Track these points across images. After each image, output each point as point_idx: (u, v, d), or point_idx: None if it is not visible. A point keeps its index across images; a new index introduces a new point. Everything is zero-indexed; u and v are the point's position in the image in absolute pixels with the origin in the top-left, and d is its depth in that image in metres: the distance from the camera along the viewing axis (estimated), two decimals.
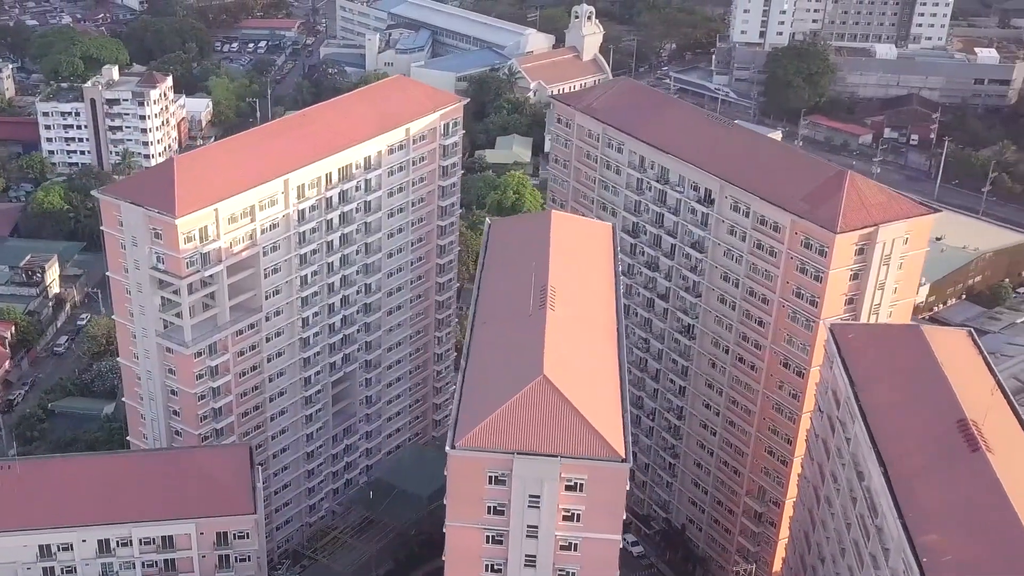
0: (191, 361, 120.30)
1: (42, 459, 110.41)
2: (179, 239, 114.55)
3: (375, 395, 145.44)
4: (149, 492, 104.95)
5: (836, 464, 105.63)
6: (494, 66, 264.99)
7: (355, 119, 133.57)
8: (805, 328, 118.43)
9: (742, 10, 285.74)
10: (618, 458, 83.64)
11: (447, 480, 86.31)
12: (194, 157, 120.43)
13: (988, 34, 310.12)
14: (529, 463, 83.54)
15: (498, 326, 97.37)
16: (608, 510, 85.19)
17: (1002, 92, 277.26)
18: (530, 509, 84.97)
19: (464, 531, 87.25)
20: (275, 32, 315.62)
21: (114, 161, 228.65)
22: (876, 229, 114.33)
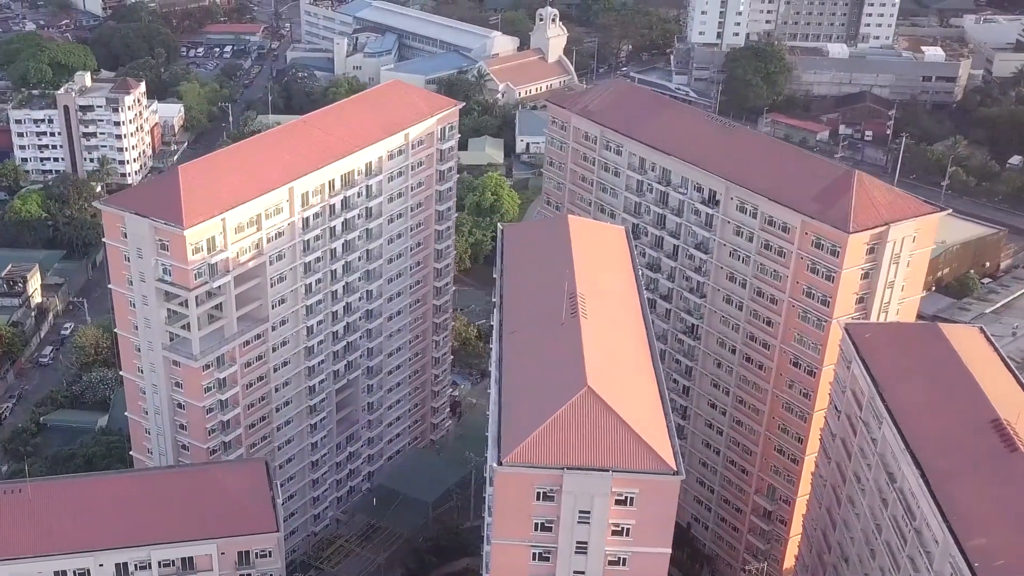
0: (199, 374, 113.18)
1: (54, 480, 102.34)
2: (187, 250, 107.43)
3: (376, 401, 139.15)
4: (167, 512, 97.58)
5: (859, 465, 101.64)
6: (462, 69, 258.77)
7: (355, 125, 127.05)
8: (816, 327, 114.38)
9: (699, 12, 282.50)
10: (670, 471, 78.63)
11: (493, 497, 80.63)
12: (198, 166, 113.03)
13: (930, 33, 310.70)
14: (580, 478, 78.20)
15: (529, 335, 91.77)
16: (658, 523, 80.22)
17: (949, 89, 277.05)
18: (580, 525, 79.63)
19: (511, 548, 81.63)
20: (240, 37, 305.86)
21: (88, 168, 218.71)
22: (887, 228, 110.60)
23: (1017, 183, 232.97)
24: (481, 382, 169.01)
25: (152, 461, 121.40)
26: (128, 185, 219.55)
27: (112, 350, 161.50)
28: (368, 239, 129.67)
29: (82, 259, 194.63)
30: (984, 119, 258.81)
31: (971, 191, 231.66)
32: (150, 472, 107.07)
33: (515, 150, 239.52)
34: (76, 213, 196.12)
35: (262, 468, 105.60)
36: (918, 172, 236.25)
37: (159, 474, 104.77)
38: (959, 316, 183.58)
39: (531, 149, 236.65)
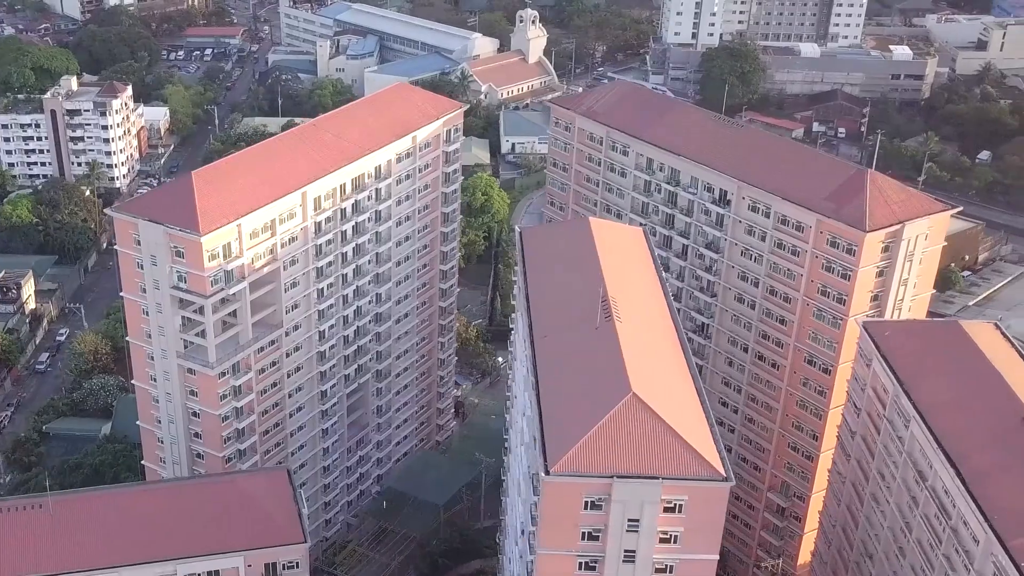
0: (215, 382, 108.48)
1: (75, 493, 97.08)
2: (204, 257, 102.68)
3: (385, 404, 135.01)
4: (192, 524, 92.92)
5: (884, 462, 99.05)
6: (444, 70, 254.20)
7: (365, 128, 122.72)
8: (832, 325, 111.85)
9: (675, 13, 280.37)
10: (720, 477, 75.40)
11: (539, 507, 76.90)
12: (211, 172, 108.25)
13: (896, 33, 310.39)
14: (629, 486, 74.75)
15: (563, 340, 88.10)
16: (707, 530, 77.02)
17: (917, 87, 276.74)
18: (628, 533, 76.17)
19: (557, 558, 77.94)
20: (220, 40, 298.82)
21: (77, 172, 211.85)
22: (902, 227, 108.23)
23: (988, 178, 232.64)
24: (482, 382, 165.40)
25: (165, 470, 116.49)
26: (117, 189, 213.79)
27: (112, 356, 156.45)
28: (377, 242, 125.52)
29: (74, 264, 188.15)
30: (952, 116, 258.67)
31: (945, 186, 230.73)
32: (173, 483, 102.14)
33: (500, 150, 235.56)
34: (67, 218, 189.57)
35: (285, 477, 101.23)
36: (893, 168, 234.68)
37: (182, 485, 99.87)
38: (944, 309, 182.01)
39: (516, 149, 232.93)
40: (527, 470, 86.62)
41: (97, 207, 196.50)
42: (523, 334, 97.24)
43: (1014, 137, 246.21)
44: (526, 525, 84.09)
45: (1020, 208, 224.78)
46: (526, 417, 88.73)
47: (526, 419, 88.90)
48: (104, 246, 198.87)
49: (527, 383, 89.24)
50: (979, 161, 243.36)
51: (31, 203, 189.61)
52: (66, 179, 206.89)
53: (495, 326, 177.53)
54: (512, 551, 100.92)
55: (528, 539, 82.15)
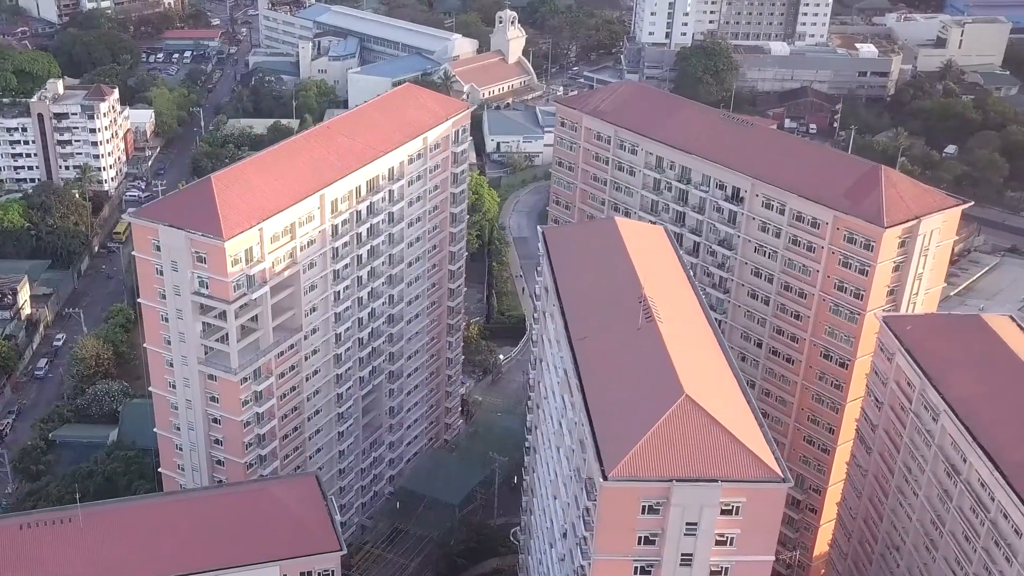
0: (237, 388, 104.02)
1: (104, 506, 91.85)
2: (227, 262, 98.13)
3: (397, 404, 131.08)
4: (226, 534, 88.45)
5: (911, 456, 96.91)
6: (426, 71, 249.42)
7: (377, 130, 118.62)
8: (849, 320, 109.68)
9: (649, 13, 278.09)
10: (778, 478, 72.67)
11: (596, 512, 73.62)
12: (230, 175, 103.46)
13: (859, 31, 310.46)
14: (689, 490, 71.76)
15: (604, 342, 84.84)
16: (764, 531, 74.28)
17: (882, 83, 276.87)
18: (686, 537, 73.19)
19: (613, 563, 74.77)
20: (199, 42, 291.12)
21: (65, 176, 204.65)
22: (918, 222, 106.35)
23: (957, 171, 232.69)
24: (483, 379, 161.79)
25: (183, 477, 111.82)
26: (105, 192, 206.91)
27: (113, 361, 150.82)
28: (391, 244, 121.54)
29: (67, 268, 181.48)
30: (918, 111, 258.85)
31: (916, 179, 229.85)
32: (203, 492, 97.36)
33: (485, 149, 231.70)
34: (58, 222, 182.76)
35: (314, 482, 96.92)
36: None
37: (213, 494, 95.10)
38: None
39: (501, 148, 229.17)
40: (572, 473, 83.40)
41: (88, 210, 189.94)
42: (554, 335, 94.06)
43: (978, 131, 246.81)
44: (577, 528, 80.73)
45: (989, 200, 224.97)
46: (568, 420, 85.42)
47: (568, 422, 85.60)
48: (96, 249, 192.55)
49: (566, 385, 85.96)
50: (946, 155, 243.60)
51: (22, 208, 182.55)
52: (54, 182, 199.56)
53: (492, 323, 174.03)
54: (546, 552, 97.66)
55: (579, 543, 78.81)
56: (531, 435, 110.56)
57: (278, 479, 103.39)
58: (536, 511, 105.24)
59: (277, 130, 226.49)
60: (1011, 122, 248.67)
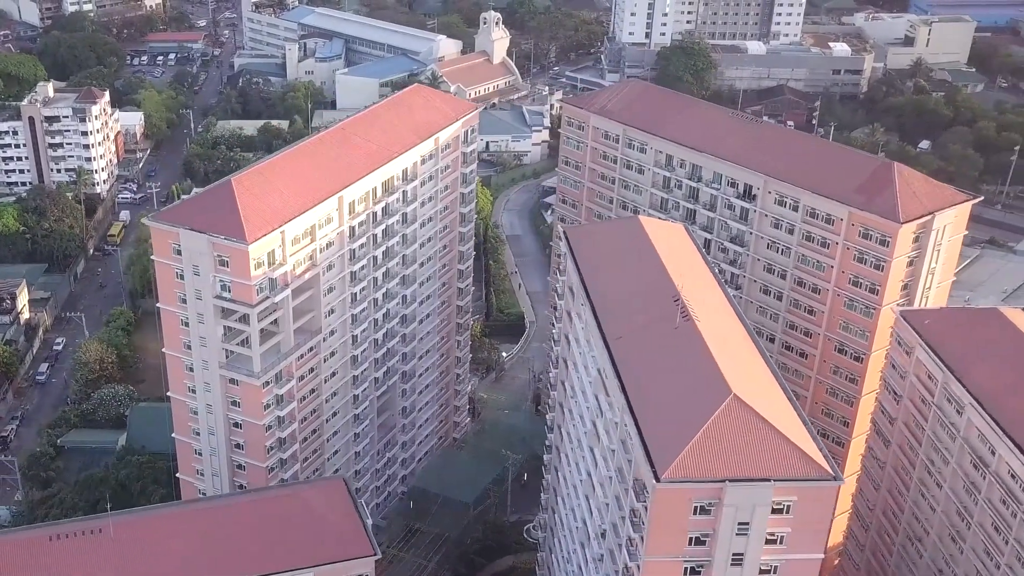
0: (259, 391, 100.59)
1: (134, 515, 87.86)
2: (250, 265, 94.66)
3: (410, 404, 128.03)
4: (259, 541, 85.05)
5: (932, 448, 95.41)
6: (413, 71, 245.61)
7: (391, 131, 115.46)
8: (864, 315, 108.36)
9: (629, 13, 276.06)
10: (830, 477, 70.73)
11: (647, 514, 71.26)
12: (250, 178, 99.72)
13: (831, 30, 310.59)
14: (742, 490, 69.64)
15: (641, 341, 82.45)
16: (814, 529, 72.28)
17: (856, 81, 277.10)
18: (737, 537, 71.07)
19: (663, 564, 72.49)
20: (183, 45, 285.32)
21: (57, 179, 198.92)
22: (933, 217, 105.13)
23: (933, 165, 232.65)
24: (487, 377, 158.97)
25: (203, 483, 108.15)
26: (98, 195, 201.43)
27: (117, 365, 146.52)
28: (404, 244, 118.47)
29: (63, 272, 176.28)
30: (892, 108, 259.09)
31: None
32: (232, 498, 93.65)
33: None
34: (54, 225, 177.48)
35: (343, 486, 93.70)
36: None
37: (243, 501, 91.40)
38: None
39: (490, 147, 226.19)
40: (612, 474, 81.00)
41: (83, 213, 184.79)
42: (583, 335, 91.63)
43: (950, 127, 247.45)
44: (620, 529, 78.40)
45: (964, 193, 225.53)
46: (605, 420, 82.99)
47: (605, 422, 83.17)
48: (91, 252, 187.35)
49: (600, 385, 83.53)
50: (920, 150, 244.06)
51: (17, 211, 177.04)
52: (46, 186, 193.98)
53: (492, 321, 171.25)
54: (575, 551, 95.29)
55: (624, 544, 76.43)
56: (552, 434, 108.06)
57: (306, 484, 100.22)
58: (561, 510, 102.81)
59: (267, 131, 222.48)
60: (981, 117, 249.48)
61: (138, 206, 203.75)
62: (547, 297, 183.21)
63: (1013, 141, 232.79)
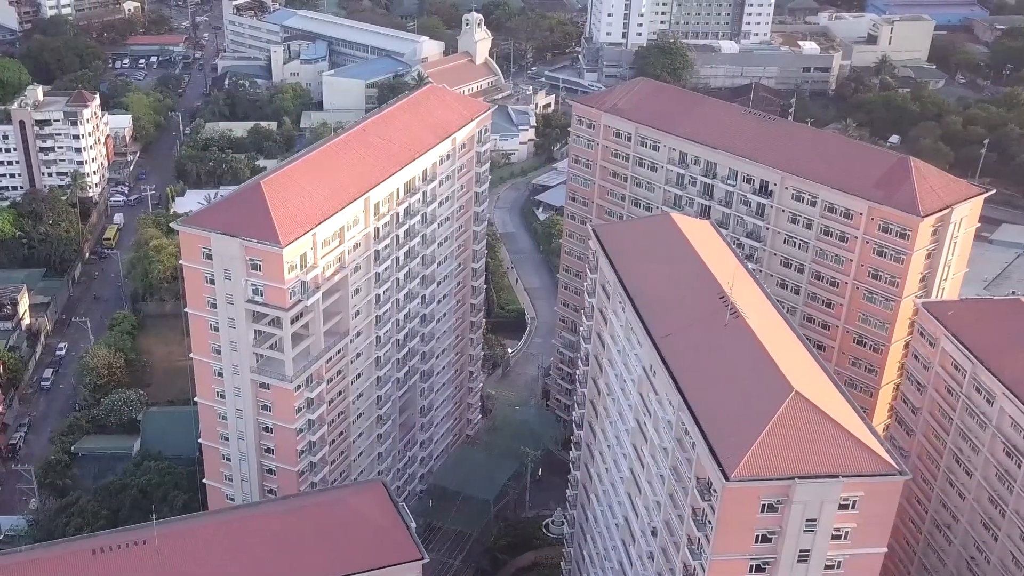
0: (291, 395, 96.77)
1: (177, 524, 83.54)
2: (284, 269, 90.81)
3: (428, 403, 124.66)
4: (306, 548, 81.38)
5: (961, 438, 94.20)
6: (398, 73, 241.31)
7: (410, 132, 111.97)
8: (884, 307, 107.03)
9: (606, 14, 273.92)
10: (895, 471, 68.82)
11: (716, 513, 68.82)
12: (278, 181, 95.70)
13: (798, 29, 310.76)
14: (811, 487, 67.49)
15: (691, 339, 79.97)
16: (878, 524, 70.42)
17: (825, 78, 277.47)
18: (805, 533, 68.91)
19: (730, 563, 70.17)
20: (164, 48, 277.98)
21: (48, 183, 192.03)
22: (951, 210, 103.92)
23: None
24: (493, 373, 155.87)
25: (231, 488, 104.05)
26: (90, 198, 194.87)
27: (125, 370, 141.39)
28: (423, 244, 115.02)
29: (62, 276, 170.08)
30: (861, 104, 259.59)
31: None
32: (276, 504, 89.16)
33: None
34: (50, 229, 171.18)
35: (382, 490, 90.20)
36: None
37: (286, 507, 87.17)
38: None
39: None
40: (666, 472, 78.49)
41: (78, 217, 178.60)
42: (622, 332, 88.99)
43: (918, 122, 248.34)
44: (675, 528, 75.96)
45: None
46: (656, 418, 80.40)
47: (656, 420, 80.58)
48: (87, 256, 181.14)
49: (646, 383, 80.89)
50: (891, 144, 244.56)
51: (12, 216, 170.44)
52: (38, 190, 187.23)
53: (493, 318, 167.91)
54: (615, 548, 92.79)
55: (685, 543, 73.95)
56: (580, 431, 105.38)
57: (346, 488, 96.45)
58: (595, 507, 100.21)
59: (258, 132, 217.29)
60: (947, 112, 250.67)
61: (132, 208, 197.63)
62: (545, 293, 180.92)
63: (979, 135, 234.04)
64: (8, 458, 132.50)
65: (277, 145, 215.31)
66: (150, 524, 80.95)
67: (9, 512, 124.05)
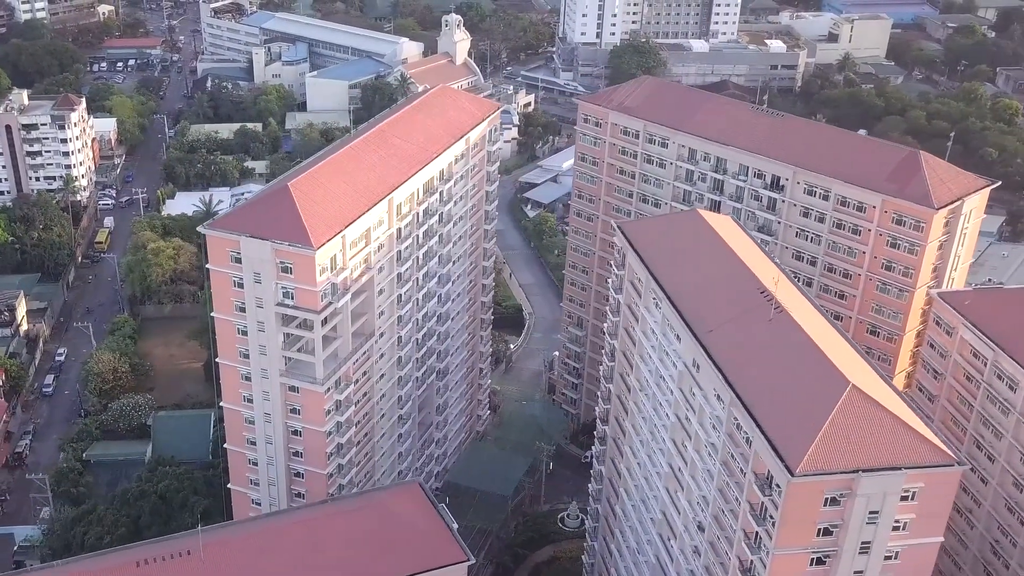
0: (322, 398, 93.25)
1: (220, 532, 79.46)
2: (316, 271, 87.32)
3: (444, 401, 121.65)
4: (352, 553, 78.25)
5: (982, 424, 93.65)
6: (380, 74, 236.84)
7: (427, 132, 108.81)
8: (898, 298, 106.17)
9: (580, 15, 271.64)
10: (953, 462, 67.51)
11: (782, 509, 66.91)
12: (305, 183, 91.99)
13: (762, 28, 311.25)
14: (875, 480, 65.91)
15: (736, 334, 77.99)
16: (936, 514, 69.06)
17: (791, 75, 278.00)
18: (867, 526, 67.34)
19: (792, 557, 68.37)
20: (142, 51, 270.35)
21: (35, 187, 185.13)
22: (962, 202, 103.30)
23: None
24: (496, 368, 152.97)
25: (257, 492, 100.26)
26: (79, 202, 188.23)
27: (131, 374, 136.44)
28: (440, 244, 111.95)
29: (55, 281, 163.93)
30: (828, 100, 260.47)
31: None
32: (316, 509, 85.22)
33: None
34: (43, 234, 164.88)
35: (419, 491, 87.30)
36: None
37: (329, 511, 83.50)
38: None
39: None
40: (718, 468, 76.51)
41: (70, 221, 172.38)
42: (659, 328, 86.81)
43: (883, 116, 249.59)
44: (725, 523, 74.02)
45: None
46: (702, 414, 78.34)
47: (702, 416, 78.53)
48: (79, 260, 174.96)
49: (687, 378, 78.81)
50: None
51: (4, 221, 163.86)
52: (25, 194, 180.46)
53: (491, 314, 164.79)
54: (650, 542, 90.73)
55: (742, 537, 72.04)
56: (606, 426, 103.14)
57: (382, 490, 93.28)
58: (625, 501, 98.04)
59: (244, 134, 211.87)
60: (910, 107, 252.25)
61: (122, 211, 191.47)
62: (539, 289, 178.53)
63: (943, 128, 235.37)
64: (15, 467, 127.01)
65: (263, 146, 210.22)
66: (192, 533, 77.27)
67: (19, 522, 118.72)
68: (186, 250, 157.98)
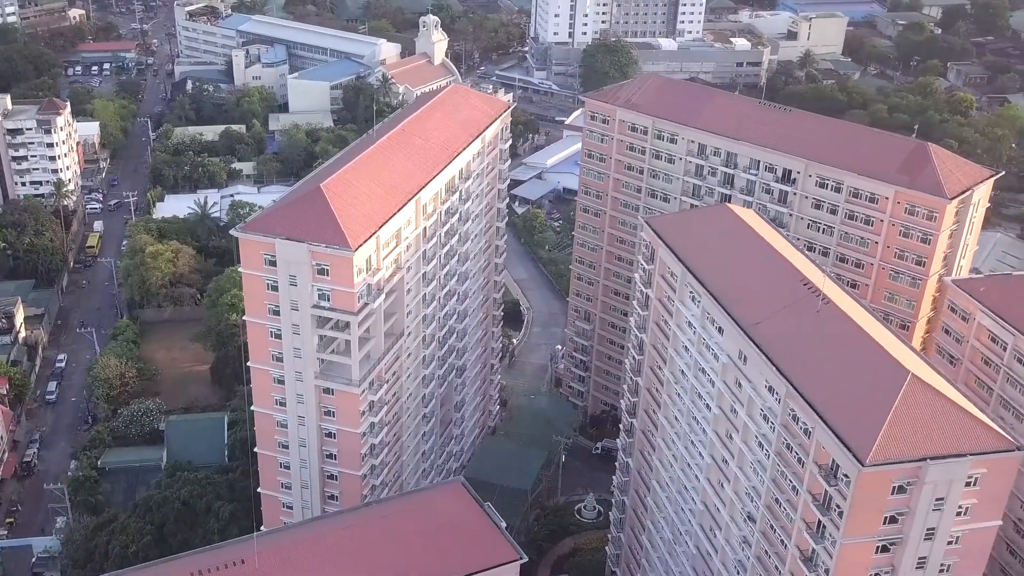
0: (357, 399, 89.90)
1: (272, 539, 75.69)
2: (353, 273, 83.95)
3: (462, 398, 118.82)
4: (408, 554, 74.92)
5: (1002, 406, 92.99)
6: (360, 74, 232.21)
7: (446, 131, 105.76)
8: (911, 286, 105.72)
9: (552, 15, 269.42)
10: (1014, 447, 66.59)
11: (850, 499, 65.40)
12: (337, 184, 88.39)
13: (725, 27, 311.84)
14: (942, 467, 64.71)
15: (783, 326, 76.32)
16: (995, 498, 68.09)
17: (756, 72, 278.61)
18: (933, 512, 66.18)
19: (858, 546, 67.00)
20: (117, 55, 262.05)
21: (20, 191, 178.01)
22: (971, 192, 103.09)
23: None
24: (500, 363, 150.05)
25: (289, 496, 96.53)
26: (67, 206, 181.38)
27: (139, 379, 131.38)
28: (460, 242, 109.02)
29: (50, 287, 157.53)
30: (792, 95, 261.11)
31: None
32: (364, 512, 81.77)
33: None
34: (35, 240, 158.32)
35: (463, 490, 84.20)
36: None
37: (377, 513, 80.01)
38: None
39: None
40: (759, 459, 74.96)
41: (62, 226, 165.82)
42: (698, 321, 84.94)
43: (846, 111, 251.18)
44: (789, 512, 72.41)
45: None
46: (752, 405, 76.62)
47: (750, 407, 76.82)
48: (71, 265, 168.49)
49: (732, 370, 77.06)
50: None
51: None
52: (18, 199, 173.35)
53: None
54: (694, 534, 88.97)
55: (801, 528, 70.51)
56: (633, 419, 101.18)
57: (426, 489, 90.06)
58: (658, 493, 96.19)
59: (229, 136, 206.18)
60: (871, 102, 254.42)
61: (111, 215, 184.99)
62: (533, 284, 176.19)
63: (904, 121, 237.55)
64: (24, 476, 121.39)
65: (249, 148, 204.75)
66: (244, 540, 73.70)
67: (33, 532, 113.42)
68: (185, 253, 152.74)
